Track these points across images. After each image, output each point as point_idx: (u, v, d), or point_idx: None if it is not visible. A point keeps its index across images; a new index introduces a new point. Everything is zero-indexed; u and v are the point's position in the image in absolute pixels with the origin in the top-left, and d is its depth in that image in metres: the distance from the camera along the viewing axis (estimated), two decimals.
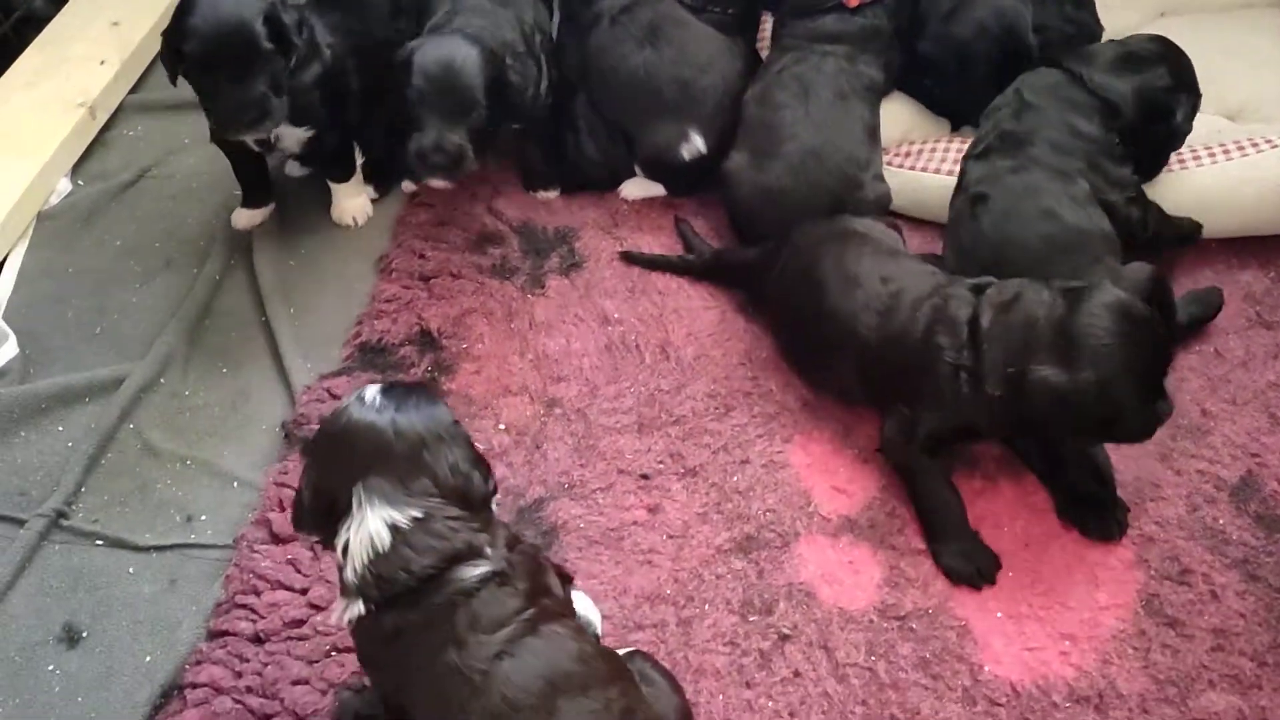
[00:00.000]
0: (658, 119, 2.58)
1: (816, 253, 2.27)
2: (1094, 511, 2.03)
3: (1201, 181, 2.41)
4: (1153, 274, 1.99)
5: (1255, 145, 2.42)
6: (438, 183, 2.49)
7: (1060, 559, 2.01)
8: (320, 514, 1.58)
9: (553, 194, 2.75)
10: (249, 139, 2.52)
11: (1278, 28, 2.82)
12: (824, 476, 2.18)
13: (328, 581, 2.03)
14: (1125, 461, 2.11)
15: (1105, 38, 2.82)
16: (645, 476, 2.20)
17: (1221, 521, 2.03)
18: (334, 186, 2.76)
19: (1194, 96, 2.39)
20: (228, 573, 2.07)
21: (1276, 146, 2.40)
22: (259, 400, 2.40)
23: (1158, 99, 2.33)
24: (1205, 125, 2.57)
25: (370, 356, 2.44)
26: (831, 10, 2.49)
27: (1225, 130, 2.57)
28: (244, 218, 2.77)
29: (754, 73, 2.65)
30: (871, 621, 1.95)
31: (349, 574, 1.53)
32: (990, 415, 1.95)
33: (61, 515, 2.18)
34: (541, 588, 1.59)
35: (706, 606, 2.00)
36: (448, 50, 2.27)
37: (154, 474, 2.27)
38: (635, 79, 2.58)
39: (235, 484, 2.25)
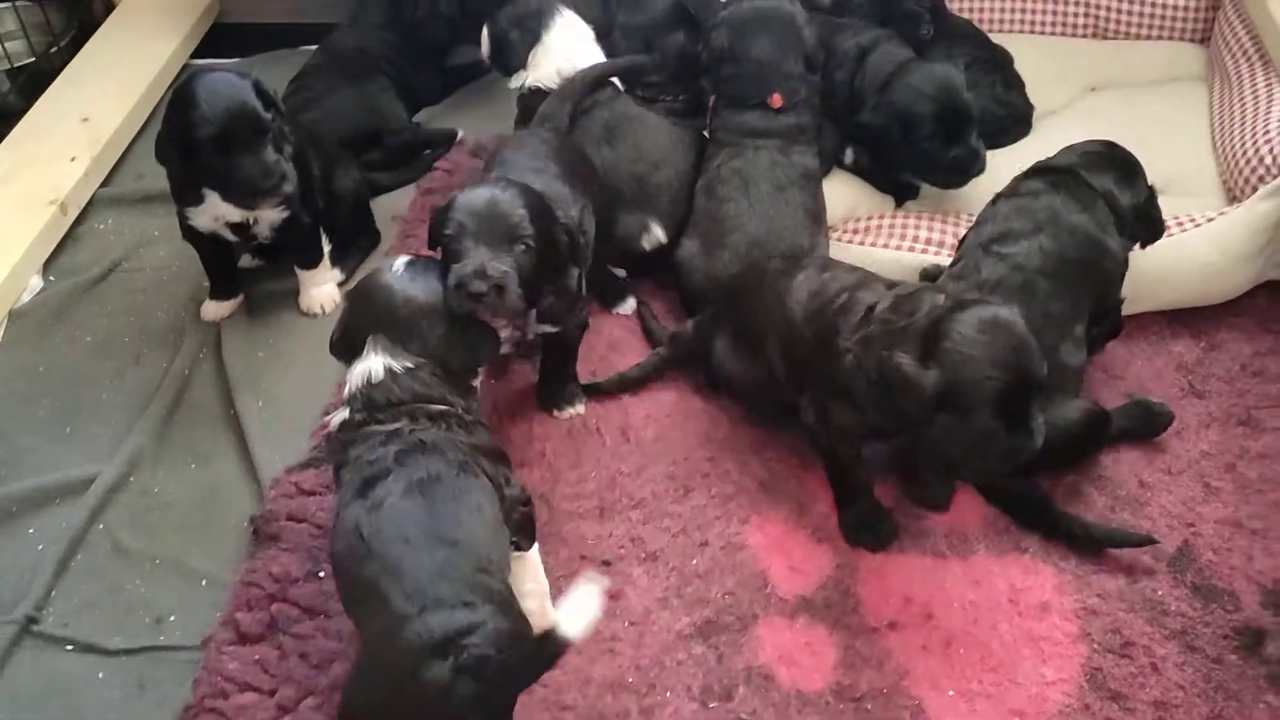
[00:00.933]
0: (619, 213, 2.67)
1: (768, 266, 2.40)
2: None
3: (1135, 259, 2.50)
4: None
5: (1181, 225, 2.52)
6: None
7: (1009, 634, 2.07)
8: (346, 348, 2.03)
9: (579, 409, 2.53)
10: (263, 208, 2.60)
11: (1202, 102, 2.95)
12: (780, 556, 2.24)
13: (296, 682, 2.07)
14: None
15: (1036, 115, 2.94)
16: (607, 563, 2.25)
17: (1160, 593, 2.10)
18: (302, 275, 2.83)
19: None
20: (196, 675, 2.10)
21: (1200, 225, 2.50)
22: (228, 496, 2.45)
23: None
24: None
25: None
26: (757, 107, 2.59)
27: None
28: (213, 310, 2.84)
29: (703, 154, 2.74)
30: (828, 704, 2.01)
31: (347, 391, 1.98)
32: (872, 402, 2.02)
33: (32, 621, 2.21)
34: (481, 448, 1.95)
35: (668, 694, 2.04)
36: (489, 188, 2.13)
37: (124, 575, 2.31)
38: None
39: (204, 582, 2.29)
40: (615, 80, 2.78)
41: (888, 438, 2.15)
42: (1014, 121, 2.90)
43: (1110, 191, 2.33)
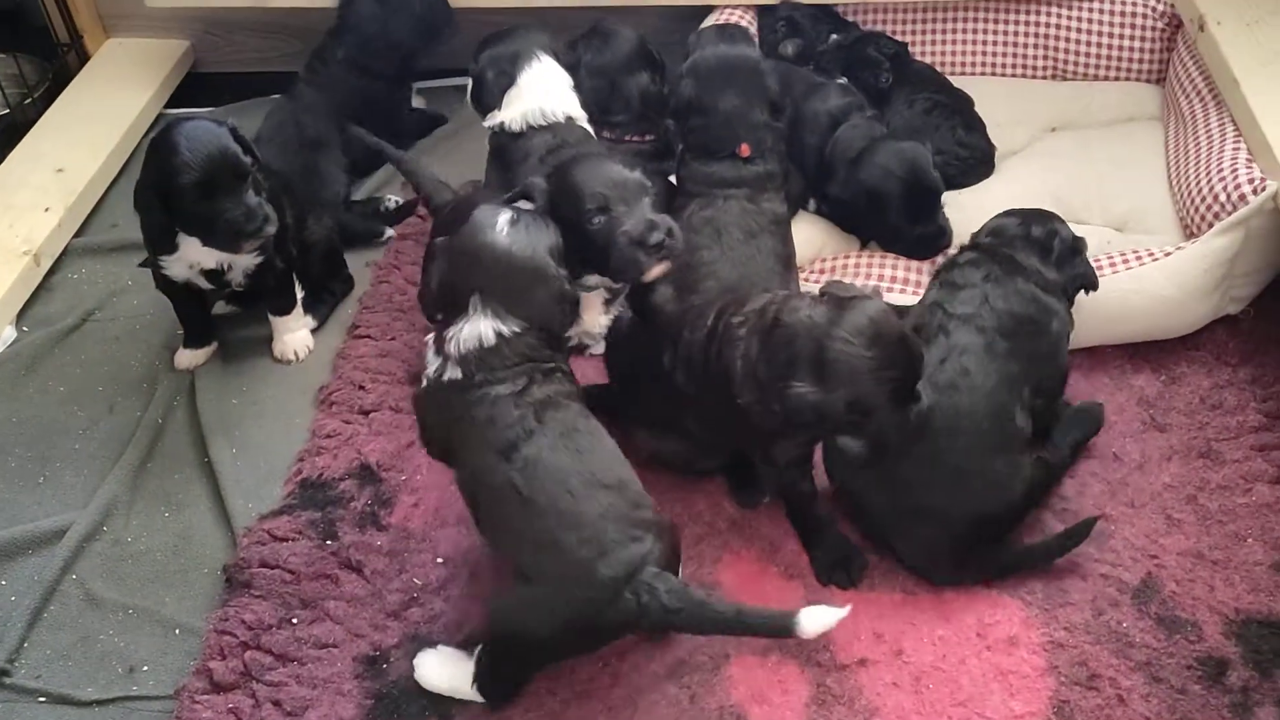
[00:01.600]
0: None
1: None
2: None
3: (1095, 295, 2.55)
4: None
5: (1139, 258, 2.58)
6: None
7: (978, 669, 2.09)
8: (442, 304, 2.07)
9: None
10: (246, 251, 2.60)
11: (1158, 141, 3.02)
12: (752, 595, 2.25)
13: None
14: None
15: (998, 156, 3.01)
16: None
17: (1125, 625, 2.13)
18: (276, 321, 2.85)
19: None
20: None
21: (1158, 259, 2.56)
22: (201, 544, 2.45)
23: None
24: (1096, 236, 2.75)
25: (310, 493, 2.50)
26: (727, 158, 2.64)
27: (1114, 241, 2.74)
28: (186, 358, 2.85)
29: (672, 201, 2.78)
30: None
31: (452, 349, 2.01)
32: (798, 429, 2.12)
33: (4, 674, 2.21)
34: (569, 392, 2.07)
35: None
36: (598, 161, 2.29)
37: (96, 625, 2.31)
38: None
39: (177, 631, 2.29)
40: (586, 124, 2.82)
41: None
42: (977, 163, 2.96)
43: (1035, 267, 2.36)
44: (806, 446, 2.25)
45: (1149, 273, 2.54)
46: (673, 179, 2.81)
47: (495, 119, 2.80)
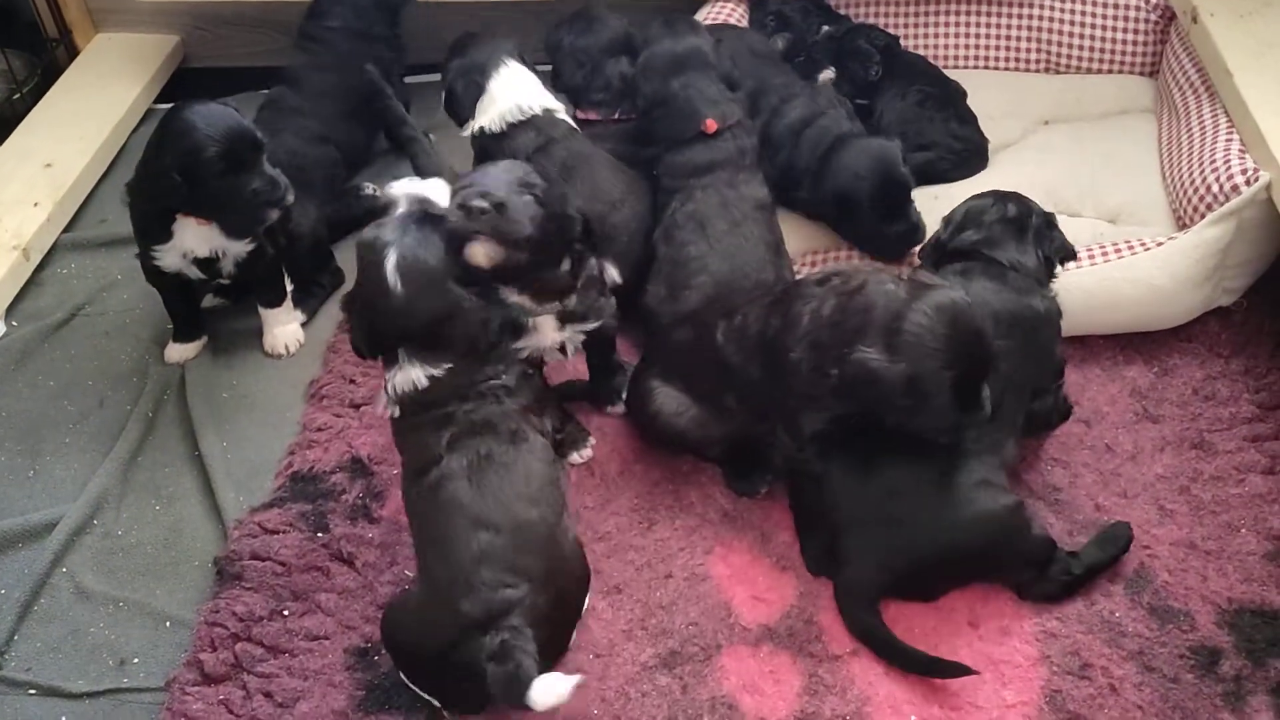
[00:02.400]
0: None
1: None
2: None
3: (1086, 281, 2.55)
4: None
5: (1131, 248, 2.58)
6: None
7: (969, 659, 2.08)
8: (374, 353, 2.12)
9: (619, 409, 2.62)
10: (270, 220, 2.63)
11: (1152, 134, 3.02)
12: (744, 586, 2.26)
13: None
14: None
15: (991, 149, 3.01)
16: None
17: (1118, 614, 2.13)
18: (266, 314, 2.84)
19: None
20: (160, 717, 2.10)
21: (1150, 249, 2.55)
22: (191, 536, 2.45)
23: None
24: (1088, 229, 2.74)
25: (301, 486, 2.49)
26: (696, 140, 2.62)
27: (1106, 233, 2.73)
28: (177, 352, 2.84)
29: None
30: None
31: (392, 391, 2.08)
32: (839, 401, 2.09)
33: None
34: (529, 407, 2.11)
35: None
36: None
37: (87, 618, 2.30)
38: None
39: (168, 623, 2.28)
40: (565, 116, 2.82)
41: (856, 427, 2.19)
42: (970, 155, 2.95)
43: (1016, 261, 2.33)
44: (837, 425, 2.17)
45: (1141, 262, 2.54)
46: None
47: (472, 127, 2.80)
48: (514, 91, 2.75)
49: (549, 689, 1.83)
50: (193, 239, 2.62)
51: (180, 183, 2.48)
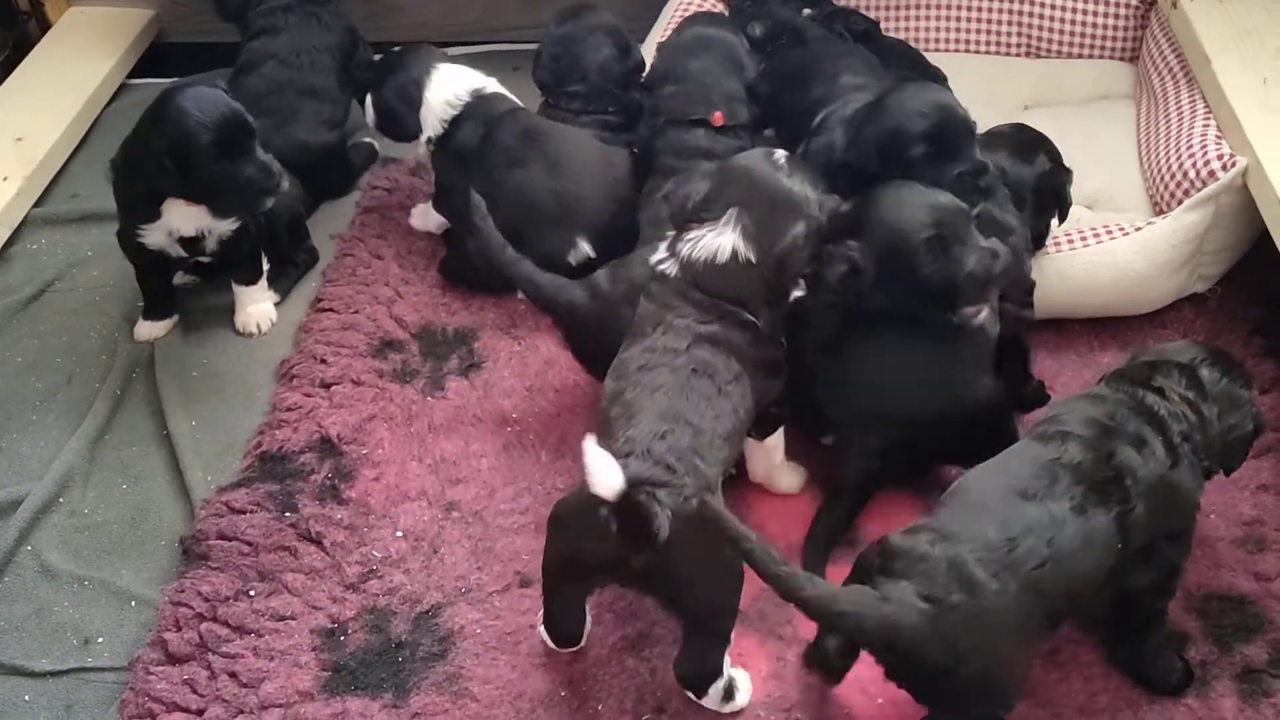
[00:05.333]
0: (543, 229, 2.68)
1: None
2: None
3: (1062, 265, 2.55)
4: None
5: (1109, 233, 2.57)
6: None
7: None
8: (695, 213, 2.09)
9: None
10: (264, 207, 2.63)
11: (1131, 119, 3.01)
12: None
13: (224, 701, 2.05)
14: None
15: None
16: None
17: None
18: (240, 292, 2.81)
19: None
20: (123, 697, 2.08)
21: (1128, 233, 2.55)
22: (158, 516, 2.43)
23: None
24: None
25: (270, 466, 2.47)
26: (700, 124, 2.60)
27: (1084, 218, 2.72)
28: (147, 330, 2.81)
29: (637, 170, 2.75)
30: (759, 715, 2.01)
31: (683, 253, 2.06)
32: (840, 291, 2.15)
33: None
34: (764, 362, 2.10)
35: (601, 707, 2.04)
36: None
37: (51, 596, 2.28)
38: (513, 196, 2.67)
39: (133, 603, 2.26)
40: (512, 96, 2.81)
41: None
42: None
43: (1003, 169, 2.38)
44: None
45: (1118, 247, 2.54)
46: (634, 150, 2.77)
47: (424, 139, 2.80)
48: (442, 90, 2.76)
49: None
50: (179, 218, 2.60)
51: (173, 169, 2.45)
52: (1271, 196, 2.39)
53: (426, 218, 3.02)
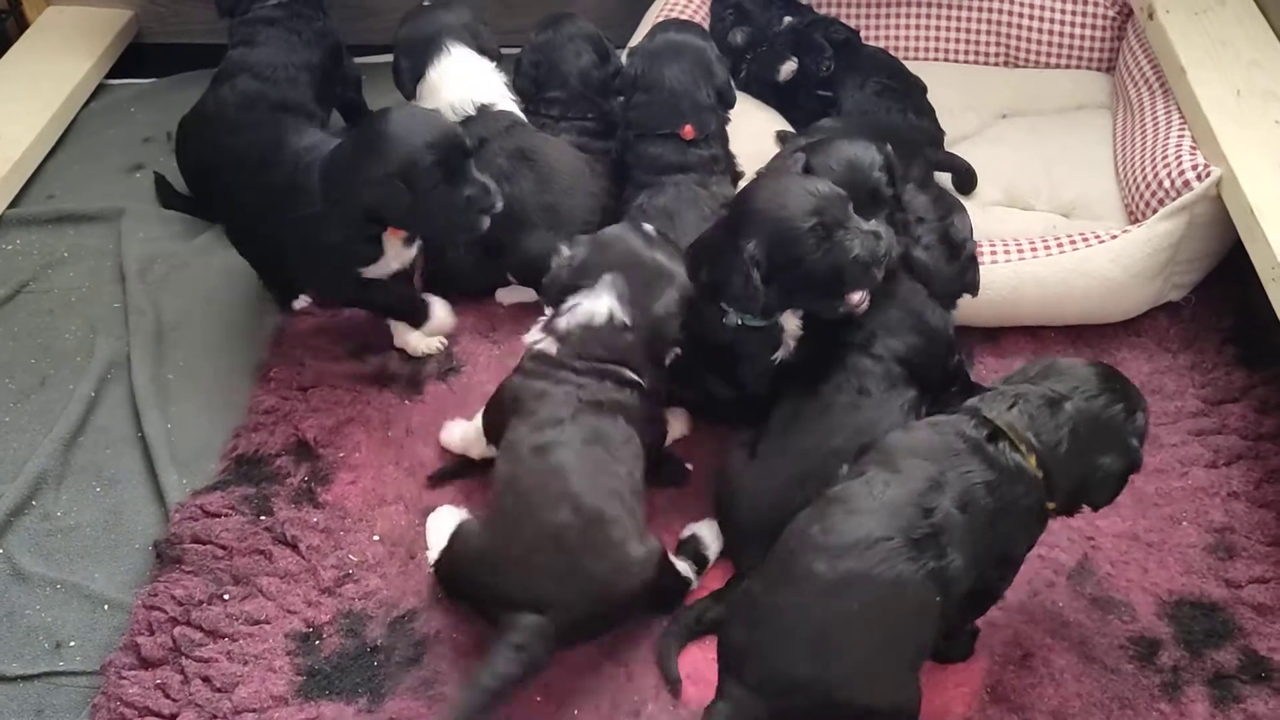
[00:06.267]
0: (531, 233, 2.67)
1: None
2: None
3: (1039, 273, 2.56)
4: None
5: (1085, 240, 2.59)
6: None
7: None
8: (569, 283, 2.18)
9: None
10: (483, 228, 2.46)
11: (1107, 129, 3.04)
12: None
13: (197, 705, 2.04)
14: None
15: (949, 141, 3.02)
16: None
17: (1060, 605, 2.14)
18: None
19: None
20: (95, 701, 2.06)
21: (1104, 241, 2.57)
22: (132, 519, 2.41)
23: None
24: (1042, 221, 2.77)
25: (246, 469, 2.46)
26: (669, 138, 2.61)
27: (1060, 226, 2.76)
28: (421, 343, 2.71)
29: (616, 179, 2.76)
30: None
31: (560, 325, 2.15)
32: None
33: None
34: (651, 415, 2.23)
35: (577, 712, 2.04)
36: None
37: (22, 600, 2.26)
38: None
39: (106, 606, 2.24)
40: (517, 110, 2.79)
41: None
42: (925, 146, 2.96)
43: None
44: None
45: (1094, 255, 2.56)
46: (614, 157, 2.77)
47: None
48: (450, 85, 2.71)
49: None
50: (396, 250, 2.51)
51: (405, 191, 2.32)
52: (1244, 206, 2.42)
53: None
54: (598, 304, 2.11)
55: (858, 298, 2.16)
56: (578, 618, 1.97)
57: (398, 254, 2.53)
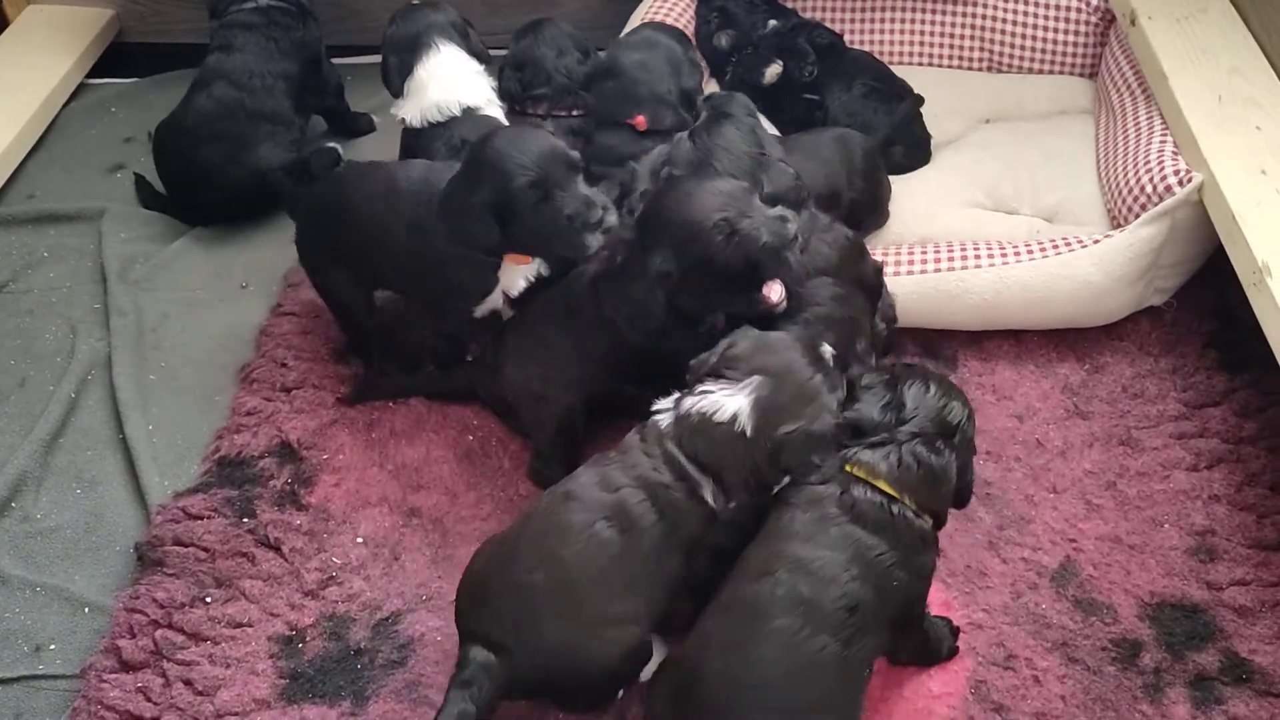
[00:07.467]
0: None
1: None
2: None
3: (1022, 277, 2.57)
4: None
5: (1068, 245, 2.60)
6: None
7: None
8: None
9: None
10: (593, 247, 2.28)
11: (1089, 134, 3.05)
12: None
13: (179, 709, 2.02)
14: (957, 550, 2.24)
15: (933, 145, 3.03)
16: None
17: (1043, 606, 2.15)
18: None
19: None
20: (75, 705, 2.04)
21: (1086, 246, 2.58)
22: (113, 521, 2.39)
23: None
24: (1025, 226, 2.78)
25: (229, 471, 2.44)
26: (623, 128, 2.60)
27: (1043, 230, 2.77)
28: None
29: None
30: None
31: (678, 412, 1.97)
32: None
33: None
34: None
35: (561, 715, 2.04)
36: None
37: (2, 602, 2.24)
38: None
39: (86, 609, 2.22)
40: (501, 116, 2.78)
41: None
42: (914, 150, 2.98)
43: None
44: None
45: (1076, 259, 2.57)
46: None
47: (399, 110, 2.75)
48: (439, 84, 2.69)
49: None
50: (512, 278, 2.40)
51: (494, 223, 2.22)
52: (1225, 211, 2.44)
53: None
54: (730, 400, 1.92)
55: (776, 293, 2.13)
56: (529, 672, 1.88)
57: (515, 276, 2.41)
